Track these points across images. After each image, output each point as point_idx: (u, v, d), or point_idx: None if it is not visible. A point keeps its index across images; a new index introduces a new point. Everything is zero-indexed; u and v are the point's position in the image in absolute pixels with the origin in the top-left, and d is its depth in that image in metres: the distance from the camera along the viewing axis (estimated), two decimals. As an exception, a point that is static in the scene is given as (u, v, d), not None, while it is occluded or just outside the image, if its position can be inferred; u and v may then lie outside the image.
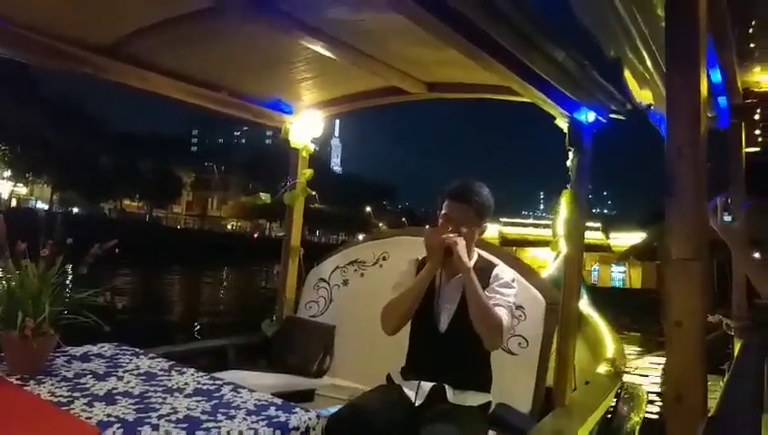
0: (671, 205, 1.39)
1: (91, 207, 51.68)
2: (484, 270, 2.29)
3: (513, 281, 2.31)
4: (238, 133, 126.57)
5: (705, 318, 1.38)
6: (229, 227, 70.23)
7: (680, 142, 1.41)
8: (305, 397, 2.74)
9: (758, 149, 3.69)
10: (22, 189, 50.61)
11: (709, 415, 1.40)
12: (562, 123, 2.60)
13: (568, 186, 2.68)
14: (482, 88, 2.88)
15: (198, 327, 12.23)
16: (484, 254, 2.49)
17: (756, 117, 3.48)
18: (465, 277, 2.16)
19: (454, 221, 2.26)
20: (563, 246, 2.81)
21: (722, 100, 3.25)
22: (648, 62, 2.51)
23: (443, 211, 2.32)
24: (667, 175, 1.40)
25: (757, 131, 3.62)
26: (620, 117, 2.67)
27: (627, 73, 2.53)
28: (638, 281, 24.68)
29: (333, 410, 2.49)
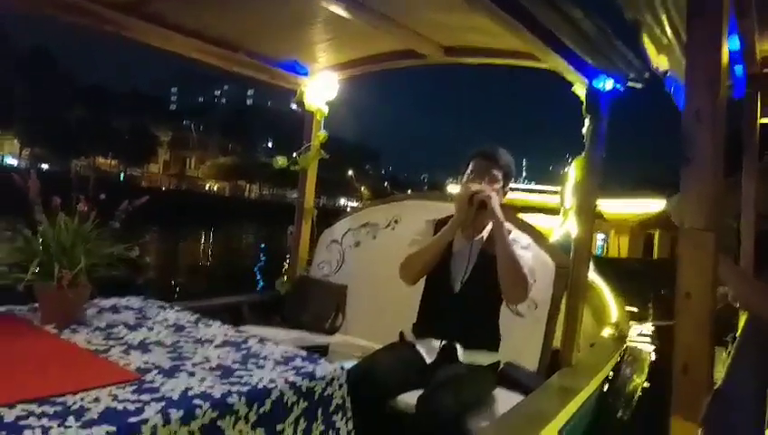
0: (686, 172, 1.35)
1: (62, 164, 49.08)
2: None
3: (529, 245, 2.40)
4: (218, 92, 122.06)
5: (716, 290, 1.34)
6: (207, 187, 68.98)
7: (699, 106, 1.37)
8: (320, 352, 2.82)
9: (774, 120, 3.64)
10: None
11: (715, 387, 1.43)
12: (580, 90, 2.62)
13: (582, 153, 2.71)
14: (501, 53, 2.88)
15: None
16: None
17: (773, 87, 3.43)
18: (497, 230, 2.23)
19: (485, 179, 2.33)
20: (572, 216, 2.86)
21: (738, 68, 3.22)
22: (667, 27, 2.48)
23: (472, 169, 2.38)
24: (684, 140, 1.36)
25: (774, 102, 3.57)
26: (638, 85, 2.68)
27: (645, 38, 2.51)
28: (626, 249, 24.36)
29: (348, 364, 2.59)
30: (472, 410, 2.14)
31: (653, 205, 22.73)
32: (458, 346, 2.33)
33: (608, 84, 2.59)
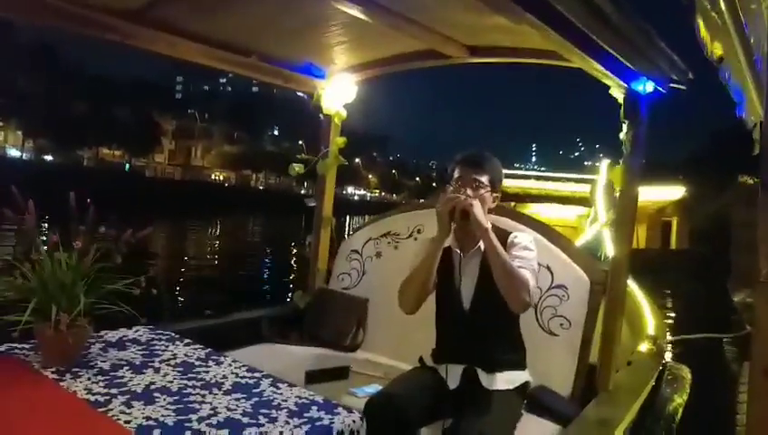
0: (766, 203, 1.03)
1: (66, 155, 49.25)
2: (500, 239, 2.17)
3: (531, 243, 2.23)
4: (224, 80, 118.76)
5: None
6: (213, 176, 68.59)
7: None
8: (340, 374, 2.71)
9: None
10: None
11: None
12: (618, 94, 2.42)
13: (620, 160, 2.51)
14: (529, 53, 2.68)
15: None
16: (498, 222, 2.37)
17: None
18: (483, 238, 2.08)
19: (469, 186, 2.19)
20: (603, 220, 2.67)
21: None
22: (722, 5, 2.21)
23: (456, 176, 2.24)
24: (762, 159, 1.06)
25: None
26: (681, 87, 2.47)
27: (699, 22, 2.26)
28: (643, 239, 22.95)
29: (369, 389, 2.46)
30: None
31: (672, 191, 21.67)
32: (479, 371, 2.18)
33: (648, 87, 2.38)
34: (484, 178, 2.23)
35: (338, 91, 3.25)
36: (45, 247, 1.67)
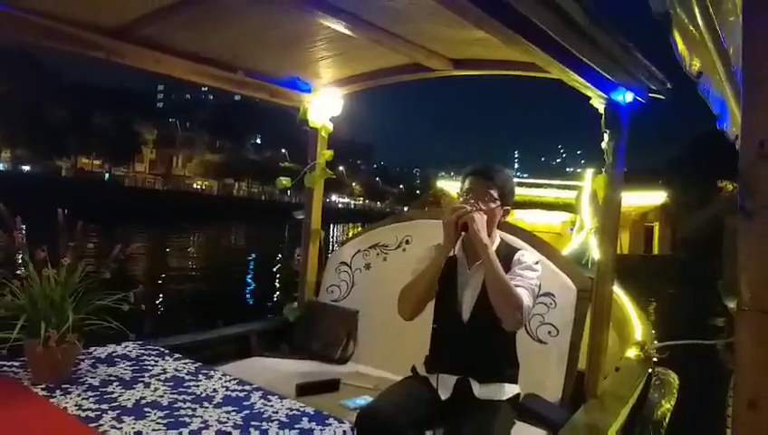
0: (746, 229, 0.97)
1: (45, 165, 48.08)
2: (507, 255, 2.19)
3: (536, 263, 2.21)
4: (206, 89, 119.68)
5: None
6: (195, 185, 67.46)
7: (765, 135, 0.97)
8: (331, 387, 2.71)
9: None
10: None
11: None
12: (598, 104, 2.47)
13: (603, 170, 2.56)
14: (511, 65, 2.73)
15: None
16: (508, 238, 2.39)
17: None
18: (481, 253, 2.06)
19: (476, 198, 2.19)
20: (589, 227, 2.71)
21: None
22: (699, 19, 2.24)
23: (467, 187, 2.24)
24: (741, 185, 0.99)
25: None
26: (660, 96, 2.52)
27: (676, 36, 2.30)
28: (626, 245, 22.69)
29: (360, 401, 2.47)
30: None
31: (654, 196, 21.79)
32: (473, 381, 2.19)
33: (628, 97, 2.43)
34: (494, 192, 2.22)
35: (324, 105, 3.28)
36: (31, 263, 1.67)
